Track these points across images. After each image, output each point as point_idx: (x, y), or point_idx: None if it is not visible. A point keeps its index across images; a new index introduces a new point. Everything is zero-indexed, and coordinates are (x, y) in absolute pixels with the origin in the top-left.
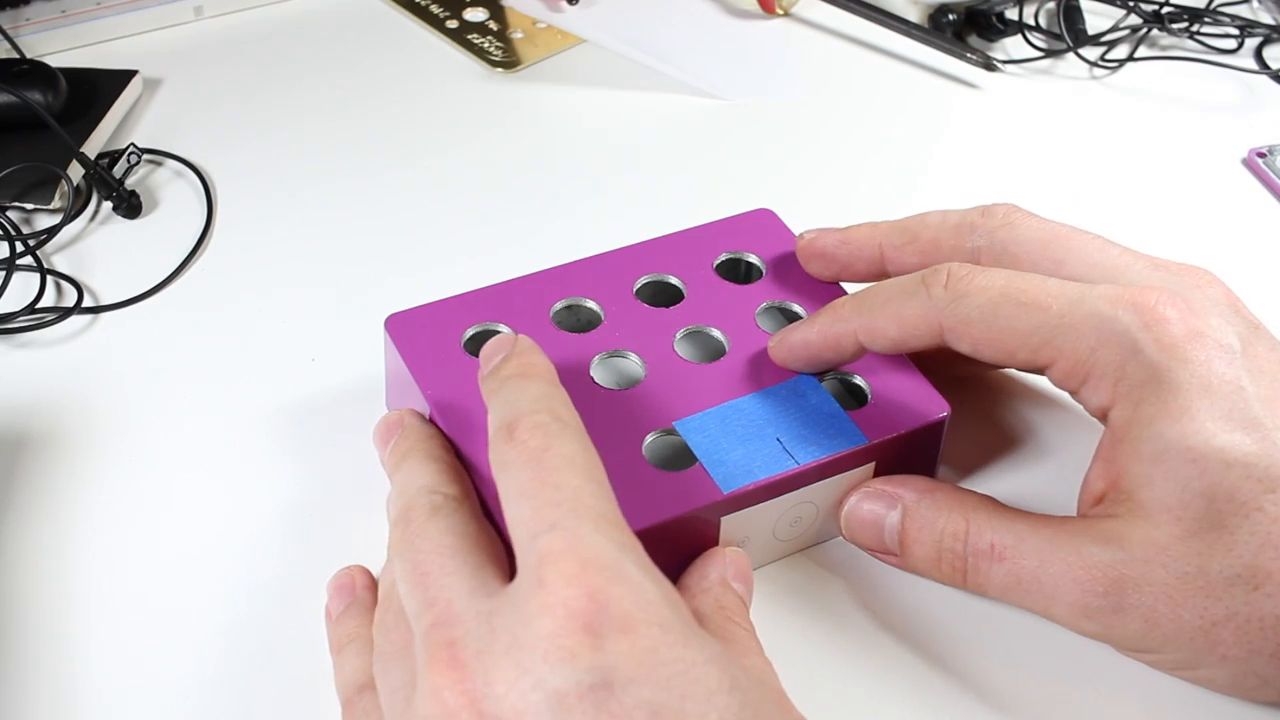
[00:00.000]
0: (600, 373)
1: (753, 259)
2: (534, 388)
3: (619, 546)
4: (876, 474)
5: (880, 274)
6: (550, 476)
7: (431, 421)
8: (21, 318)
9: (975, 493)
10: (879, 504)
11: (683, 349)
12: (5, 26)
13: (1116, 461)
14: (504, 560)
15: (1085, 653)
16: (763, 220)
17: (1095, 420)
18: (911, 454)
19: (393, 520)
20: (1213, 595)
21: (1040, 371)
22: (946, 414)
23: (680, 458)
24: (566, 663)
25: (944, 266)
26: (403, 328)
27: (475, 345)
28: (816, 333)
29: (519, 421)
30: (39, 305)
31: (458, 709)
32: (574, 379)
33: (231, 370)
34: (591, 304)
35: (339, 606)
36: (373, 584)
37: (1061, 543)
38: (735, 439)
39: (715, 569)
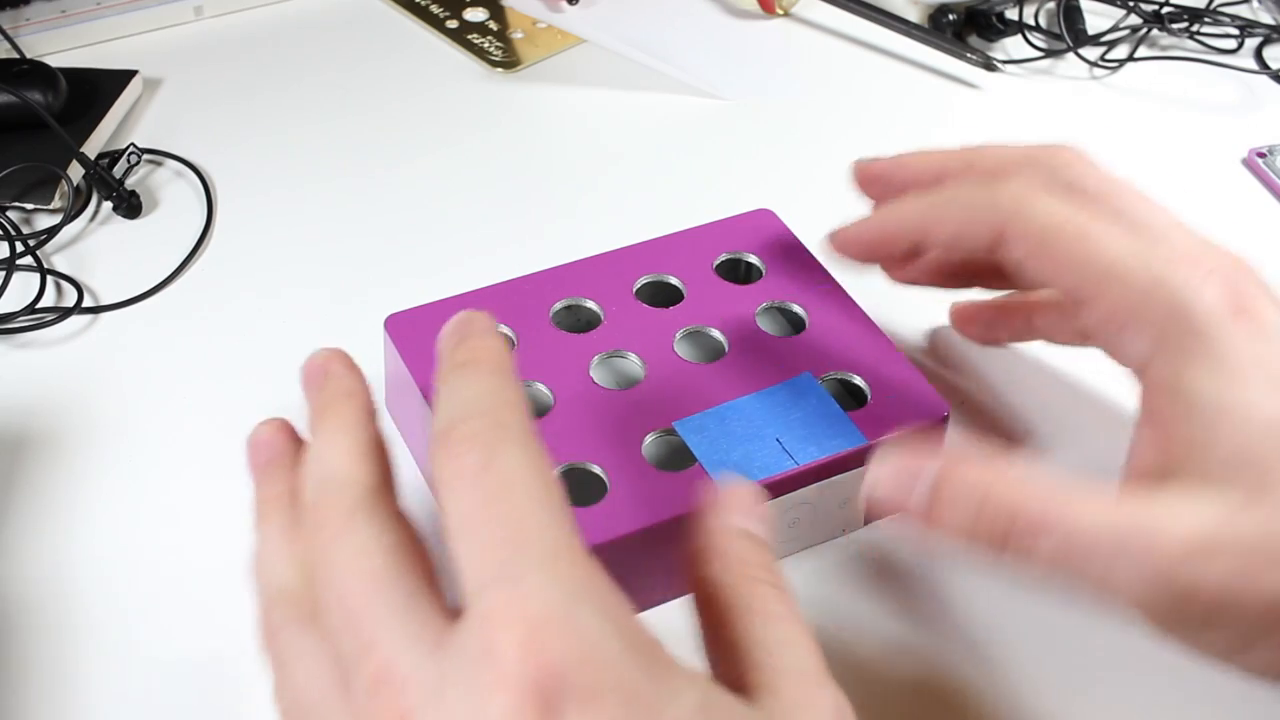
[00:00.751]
0: (600, 373)
1: (752, 259)
2: (476, 383)
3: (570, 593)
4: None
5: (920, 248)
6: (492, 506)
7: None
8: (21, 318)
9: (1016, 459)
10: (912, 459)
11: (682, 349)
12: (5, 26)
13: (1167, 427)
14: (431, 571)
15: (1086, 653)
16: (762, 220)
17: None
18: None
19: (305, 504)
20: None
21: (1076, 312)
22: (947, 413)
23: (679, 458)
24: None
25: (1016, 179)
26: (402, 328)
27: None
28: (878, 219)
29: (455, 427)
30: (39, 305)
31: None
32: (574, 379)
33: (231, 370)
34: (591, 304)
35: (260, 461)
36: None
37: (1119, 514)
38: (734, 439)
39: (725, 517)
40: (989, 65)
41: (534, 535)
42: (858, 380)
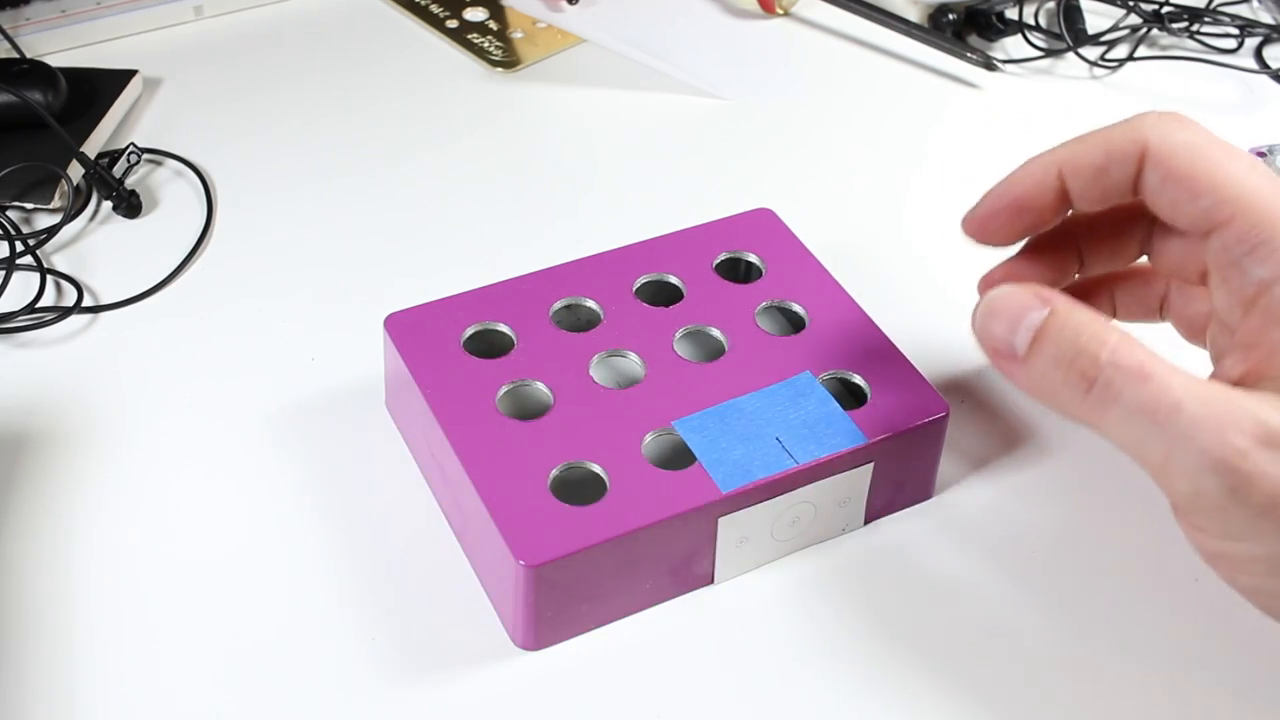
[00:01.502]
0: (600, 372)
1: (752, 258)
2: None
3: None
4: (876, 475)
5: (1063, 200)
6: None
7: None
8: (21, 317)
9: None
10: (1028, 298)
11: (682, 348)
12: (5, 26)
13: (1269, 344)
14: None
15: (1085, 653)
16: (762, 220)
17: None
18: (912, 453)
19: None
20: None
21: (1209, 232)
22: (946, 413)
23: (679, 457)
24: None
25: (1154, 111)
26: (402, 327)
27: (474, 345)
28: (1017, 175)
29: None
30: (39, 305)
31: None
32: (573, 378)
33: (231, 370)
34: (591, 303)
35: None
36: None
37: (1207, 388)
38: (734, 438)
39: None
40: (989, 65)
41: None
42: (857, 379)
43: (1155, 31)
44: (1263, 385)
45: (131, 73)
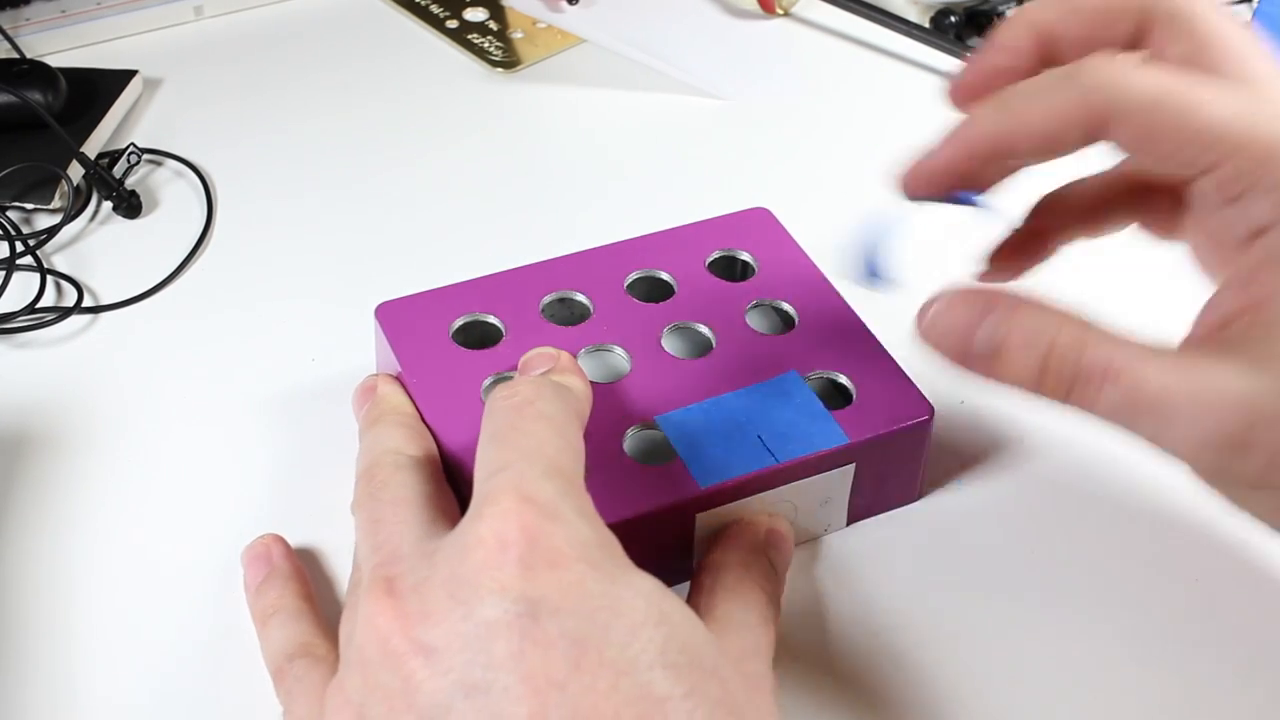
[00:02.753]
0: (587, 365)
1: (746, 257)
2: (564, 378)
3: (561, 491)
4: (858, 476)
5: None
6: (522, 424)
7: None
8: (21, 317)
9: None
10: (974, 307)
11: (670, 344)
12: (5, 26)
13: (1263, 284)
14: (458, 518)
15: (1084, 652)
16: (758, 219)
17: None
18: (895, 455)
19: (357, 477)
20: None
21: (1191, 181)
22: (930, 416)
23: (661, 452)
24: (497, 594)
25: (1099, 55)
26: (392, 316)
27: (464, 335)
28: (950, 145)
29: (526, 381)
30: (39, 305)
31: (390, 634)
32: None
33: (231, 370)
34: (582, 297)
35: (256, 577)
36: (289, 552)
37: (1188, 368)
38: (716, 435)
39: (750, 534)
40: None
41: (548, 451)
42: (844, 380)
43: None
44: (1255, 329)
45: (131, 73)
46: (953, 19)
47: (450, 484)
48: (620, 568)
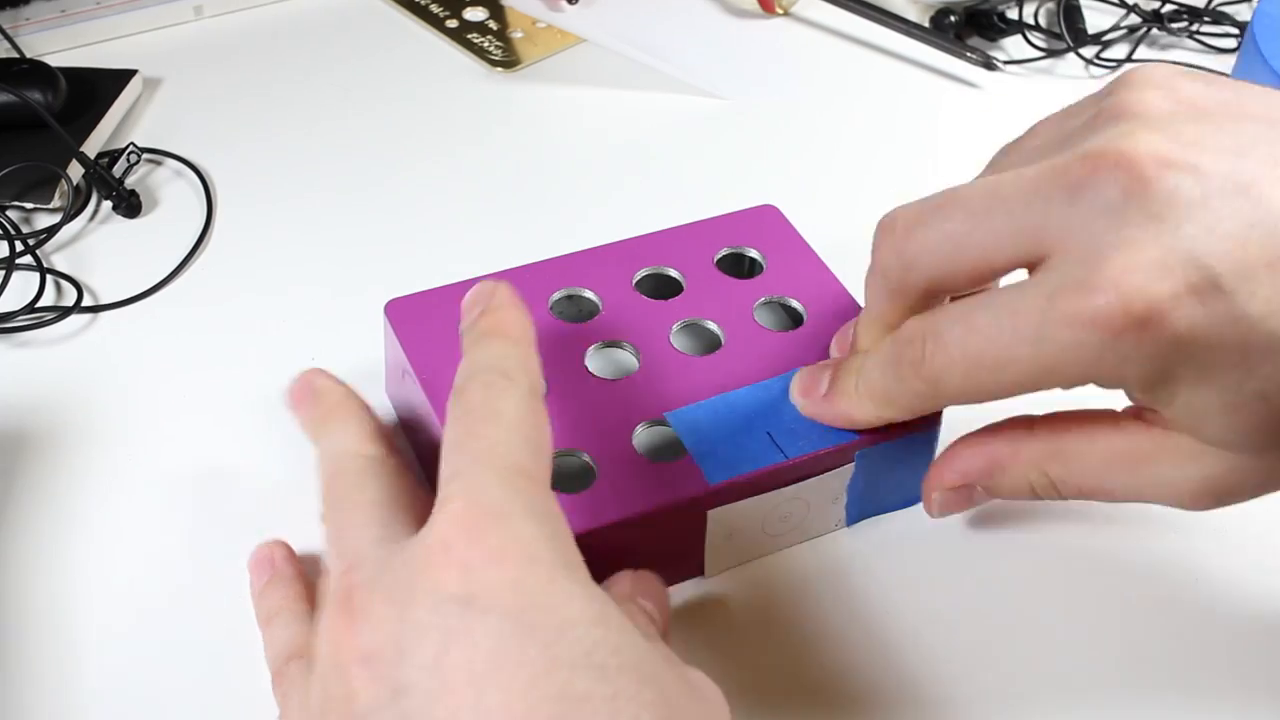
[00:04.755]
0: (596, 362)
1: (754, 254)
2: (495, 347)
3: (514, 491)
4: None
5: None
6: (475, 428)
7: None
8: (21, 317)
9: (1040, 424)
10: (960, 497)
11: (679, 341)
12: (5, 26)
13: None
14: (425, 513)
15: (1086, 652)
16: (766, 216)
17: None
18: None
19: (322, 486)
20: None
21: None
22: (939, 413)
23: (670, 449)
24: (431, 594)
25: (906, 339)
26: (402, 313)
27: None
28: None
29: (471, 380)
30: (39, 304)
31: (339, 643)
32: (569, 368)
33: (231, 369)
34: (590, 294)
35: (260, 581)
36: (292, 556)
37: (1128, 467)
38: (725, 432)
39: (617, 586)
40: (989, 65)
41: (500, 452)
42: None
43: (1155, 31)
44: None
45: (131, 73)
46: (953, 19)
47: None
48: (564, 568)
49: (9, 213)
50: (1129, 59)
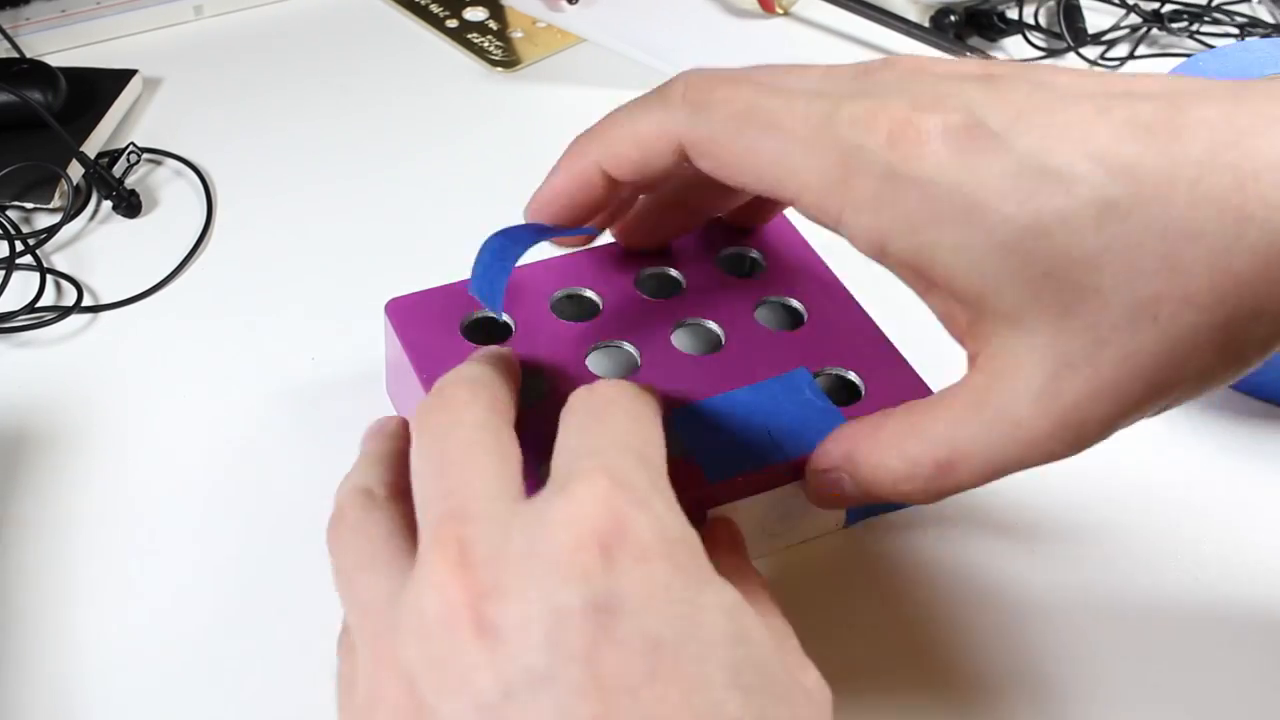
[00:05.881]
0: (596, 362)
1: (755, 254)
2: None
3: (653, 483)
4: None
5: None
6: (609, 417)
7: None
8: (21, 317)
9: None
10: (829, 481)
11: (679, 341)
12: (5, 26)
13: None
14: (530, 476)
15: (1086, 652)
16: None
17: None
18: None
19: (416, 415)
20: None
21: (792, 205)
22: None
23: (671, 448)
24: (577, 580)
25: (682, 75)
26: (403, 312)
27: (474, 331)
28: (561, 176)
29: (603, 384)
30: (39, 304)
31: (459, 605)
32: (569, 368)
33: (231, 369)
34: (590, 294)
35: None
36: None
37: (984, 409)
38: (726, 430)
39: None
40: None
41: (635, 443)
42: (853, 377)
43: (1155, 31)
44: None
45: (131, 73)
46: (953, 18)
47: None
48: (704, 572)
49: (9, 213)
50: (1130, 58)
